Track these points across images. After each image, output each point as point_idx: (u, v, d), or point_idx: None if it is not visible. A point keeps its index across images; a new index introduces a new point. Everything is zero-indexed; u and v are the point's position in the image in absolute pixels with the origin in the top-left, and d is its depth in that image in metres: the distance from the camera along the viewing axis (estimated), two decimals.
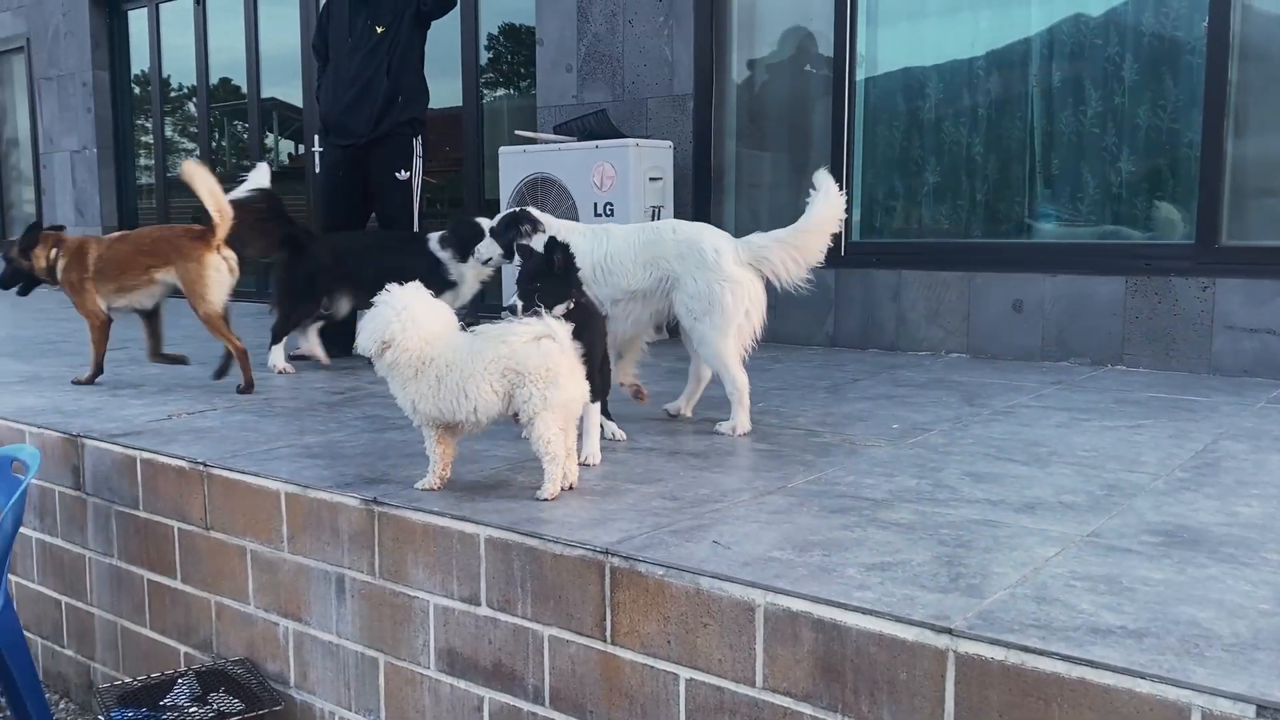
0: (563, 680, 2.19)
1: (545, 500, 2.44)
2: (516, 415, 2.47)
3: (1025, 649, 1.62)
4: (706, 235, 3.30)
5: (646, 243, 3.32)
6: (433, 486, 2.56)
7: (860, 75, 5.52)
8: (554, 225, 3.41)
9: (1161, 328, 4.56)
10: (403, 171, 5.11)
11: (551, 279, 2.75)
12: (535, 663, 2.24)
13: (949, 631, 1.69)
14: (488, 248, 3.65)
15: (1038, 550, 2.08)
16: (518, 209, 3.56)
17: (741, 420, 3.26)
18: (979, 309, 5.04)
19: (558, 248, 2.76)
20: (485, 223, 3.88)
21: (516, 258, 3.17)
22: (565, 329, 2.46)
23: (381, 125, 5.00)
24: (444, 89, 5.45)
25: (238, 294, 4.20)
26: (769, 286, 3.28)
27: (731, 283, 3.20)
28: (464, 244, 4.19)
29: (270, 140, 9.23)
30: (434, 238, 4.59)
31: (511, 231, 3.44)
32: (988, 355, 4.98)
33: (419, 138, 5.15)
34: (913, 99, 5.42)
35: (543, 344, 2.41)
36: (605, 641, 2.11)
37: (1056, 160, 5.02)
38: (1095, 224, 4.92)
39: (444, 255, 4.48)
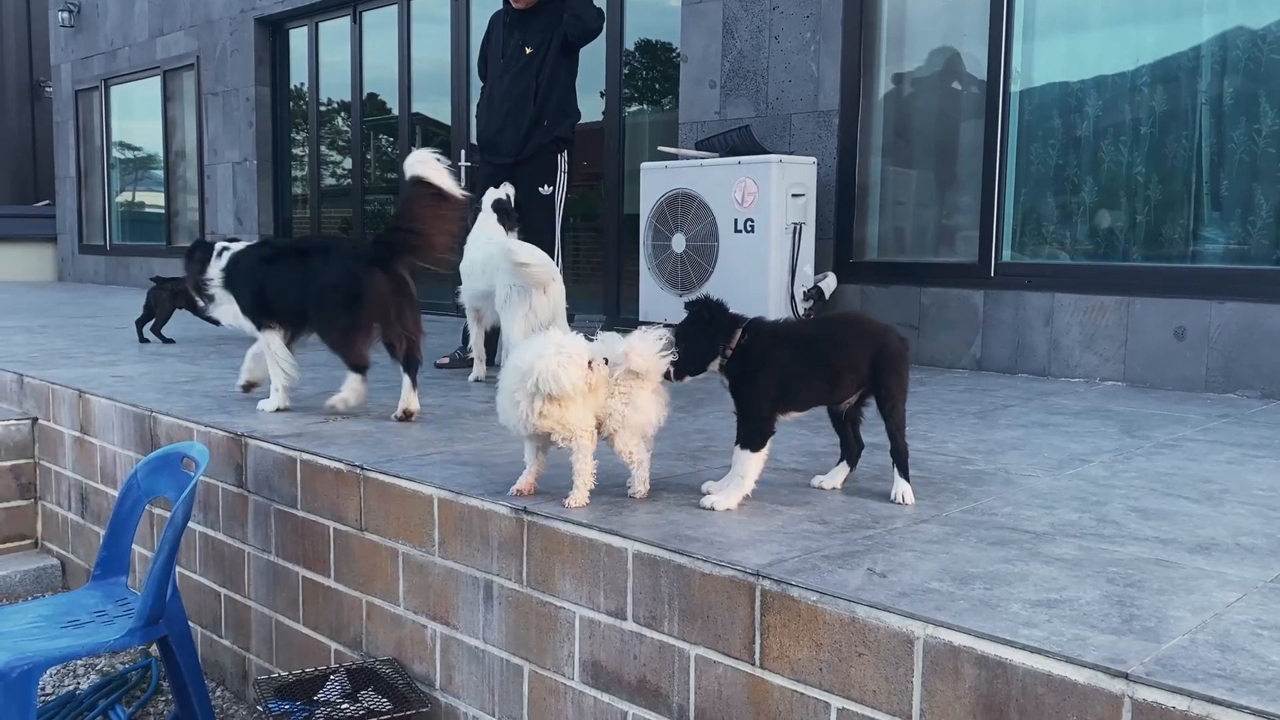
0: (709, 701, 2.18)
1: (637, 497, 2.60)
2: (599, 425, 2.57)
3: (1212, 700, 1.53)
4: None
5: None
6: (519, 488, 2.64)
7: (1014, 90, 5.36)
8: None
9: None
10: (546, 186, 5.20)
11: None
12: (681, 681, 2.23)
13: (1125, 676, 1.61)
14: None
15: (1217, 595, 1.96)
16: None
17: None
18: (1138, 335, 4.82)
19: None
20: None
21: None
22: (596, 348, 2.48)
23: (527, 147, 5.12)
24: (586, 104, 5.53)
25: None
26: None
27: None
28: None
29: None
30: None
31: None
32: (1146, 384, 4.75)
33: (564, 154, 5.23)
34: (1069, 114, 5.23)
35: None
36: (754, 665, 2.09)
37: (1225, 181, 4.76)
38: (1269, 248, 4.65)
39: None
